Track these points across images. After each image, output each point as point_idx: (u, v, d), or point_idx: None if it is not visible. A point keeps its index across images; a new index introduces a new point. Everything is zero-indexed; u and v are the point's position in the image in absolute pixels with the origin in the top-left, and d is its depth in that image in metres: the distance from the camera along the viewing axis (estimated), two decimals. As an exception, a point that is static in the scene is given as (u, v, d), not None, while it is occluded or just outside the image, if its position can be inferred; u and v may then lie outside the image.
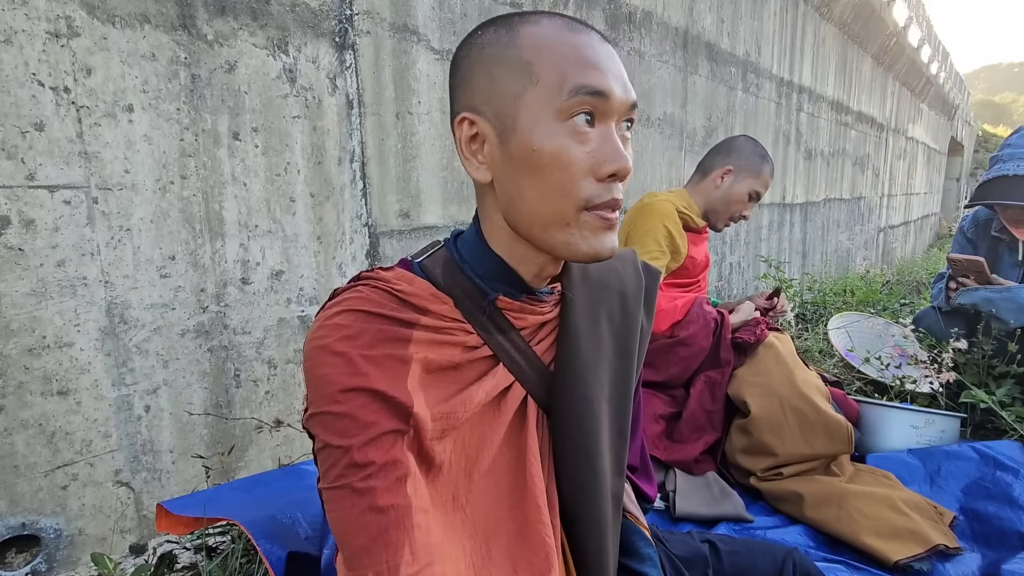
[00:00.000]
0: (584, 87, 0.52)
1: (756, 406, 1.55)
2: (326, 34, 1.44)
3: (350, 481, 0.50)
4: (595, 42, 0.55)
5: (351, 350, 0.52)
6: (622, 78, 0.55)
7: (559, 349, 0.63)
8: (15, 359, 1.06)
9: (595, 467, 0.62)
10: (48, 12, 1.04)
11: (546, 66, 0.53)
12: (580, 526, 0.61)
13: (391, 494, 0.50)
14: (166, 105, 1.20)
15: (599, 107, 0.53)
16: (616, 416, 0.67)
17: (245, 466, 1.41)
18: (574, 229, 0.54)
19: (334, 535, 0.52)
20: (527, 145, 0.53)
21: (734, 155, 1.70)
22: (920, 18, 6.91)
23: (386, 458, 0.51)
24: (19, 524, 1.08)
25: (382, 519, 0.49)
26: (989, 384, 1.90)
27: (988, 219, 2.12)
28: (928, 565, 1.23)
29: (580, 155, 0.53)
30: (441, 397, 0.56)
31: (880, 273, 5.55)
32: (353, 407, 0.51)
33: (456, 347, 0.58)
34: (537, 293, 0.63)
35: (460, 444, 0.57)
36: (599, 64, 0.53)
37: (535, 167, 0.53)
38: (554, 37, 0.54)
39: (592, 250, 0.55)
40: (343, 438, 0.51)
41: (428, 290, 0.58)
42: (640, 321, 0.70)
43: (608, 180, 0.54)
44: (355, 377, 0.51)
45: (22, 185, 1.04)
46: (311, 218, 1.46)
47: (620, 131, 0.55)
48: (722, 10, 3.15)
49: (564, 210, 0.54)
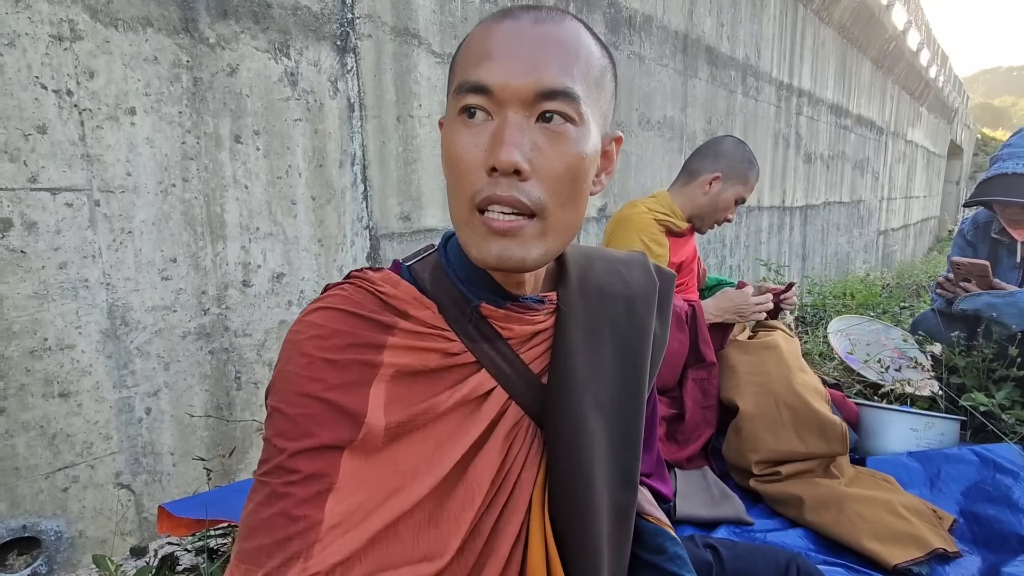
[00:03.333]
0: (465, 83, 0.51)
1: (751, 404, 1.55)
2: (327, 37, 1.45)
3: (274, 482, 0.51)
4: (508, 29, 0.51)
5: (316, 352, 0.52)
6: (528, 65, 0.50)
7: (552, 363, 0.61)
8: (17, 361, 1.06)
9: (588, 481, 0.60)
10: (51, 15, 1.05)
11: (459, 64, 0.54)
12: (572, 539, 0.60)
13: (307, 506, 0.50)
14: (168, 108, 1.20)
15: (486, 100, 0.50)
16: (622, 428, 0.64)
17: (246, 468, 1.41)
18: (470, 230, 0.52)
19: (241, 523, 0.52)
20: (443, 143, 0.55)
21: (723, 160, 1.67)
22: (919, 22, 6.93)
23: (313, 470, 0.51)
24: (20, 526, 1.08)
25: (291, 527, 0.50)
26: (989, 387, 1.90)
27: (987, 221, 2.12)
28: (927, 569, 1.23)
29: (469, 149, 0.51)
30: (408, 402, 0.55)
31: (880, 276, 5.55)
32: (301, 413, 0.51)
33: (434, 353, 0.57)
34: (522, 300, 0.60)
35: (422, 444, 0.55)
36: (494, 54, 0.50)
37: (445, 164, 0.54)
38: (478, 32, 0.54)
39: (479, 255, 0.52)
40: (282, 439, 0.51)
41: (412, 294, 0.58)
42: (652, 327, 0.67)
43: (492, 174, 0.50)
44: (312, 383, 0.52)
45: (24, 187, 1.04)
46: (312, 221, 1.46)
47: (529, 124, 0.50)
48: (722, 14, 3.16)
49: (460, 207, 0.53)
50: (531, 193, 0.50)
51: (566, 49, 0.51)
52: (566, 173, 0.52)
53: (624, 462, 0.65)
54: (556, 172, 0.51)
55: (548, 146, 0.51)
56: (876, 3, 5.17)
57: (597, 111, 0.55)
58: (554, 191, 0.51)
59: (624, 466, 0.65)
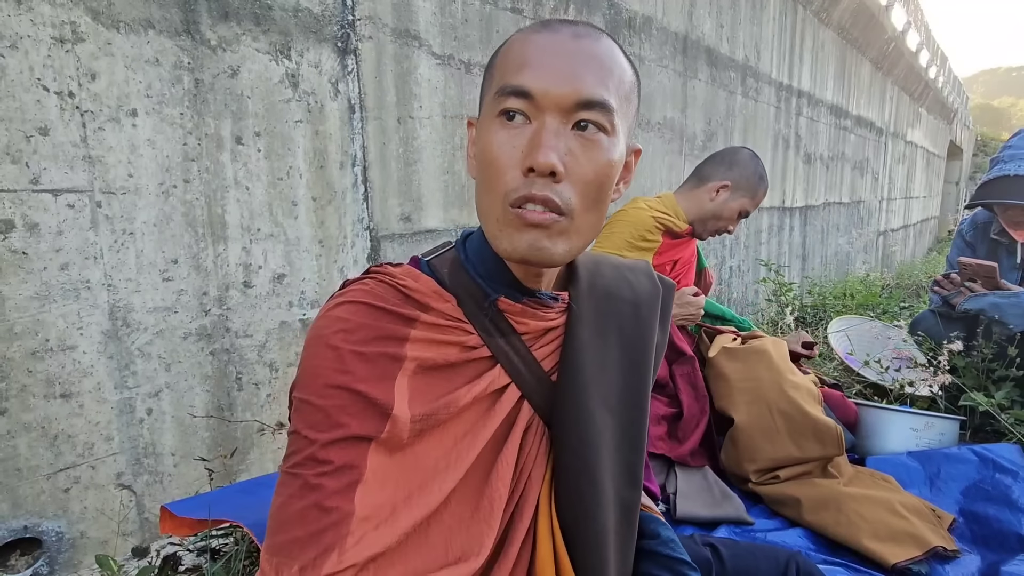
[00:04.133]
0: (508, 86, 0.54)
1: (744, 413, 1.56)
2: (328, 39, 1.45)
3: (305, 473, 0.51)
4: (549, 41, 0.54)
5: (344, 345, 0.53)
6: (568, 75, 0.53)
7: (562, 361, 0.63)
8: (18, 362, 1.06)
9: (595, 479, 0.61)
10: (53, 17, 1.05)
11: (498, 68, 0.57)
12: (579, 536, 0.61)
13: (339, 497, 0.50)
14: (169, 110, 1.21)
15: (526, 105, 0.53)
16: (627, 427, 0.66)
17: (247, 469, 1.41)
18: (501, 225, 0.55)
19: (270, 517, 0.52)
20: (478, 143, 0.58)
21: (735, 170, 1.68)
22: (918, 23, 6.94)
23: (344, 460, 0.51)
24: (21, 527, 1.09)
25: (323, 518, 0.50)
26: (988, 387, 1.90)
27: (987, 222, 2.12)
28: (926, 568, 1.23)
29: (507, 150, 0.54)
30: (429, 397, 0.56)
31: (880, 277, 5.56)
32: (331, 404, 0.52)
33: (454, 346, 0.59)
34: (538, 296, 0.62)
35: (441, 441, 0.57)
36: (536, 62, 0.53)
37: (481, 163, 0.57)
38: (517, 40, 0.57)
39: (511, 246, 0.54)
40: (313, 431, 0.52)
41: (432, 287, 0.59)
42: (655, 332, 0.70)
43: (528, 175, 0.53)
44: (342, 375, 0.53)
45: (26, 189, 1.05)
46: (313, 222, 1.47)
47: (565, 131, 0.53)
48: (721, 15, 3.16)
49: (493, 203, 0.55)
50: (563, 194, 0.53)
51: (602, 64, 0.55)
52: (595, 179, 0.55)
53: (629, 460, 0.66)
54: (587, 177, 0.54)
55: (581, 152, 0.54)
56: (876, 4, 5.18)
57: (625, 124, 0.58)
58: (583, 194, 0.54)
59: (629, 464, 0.66)
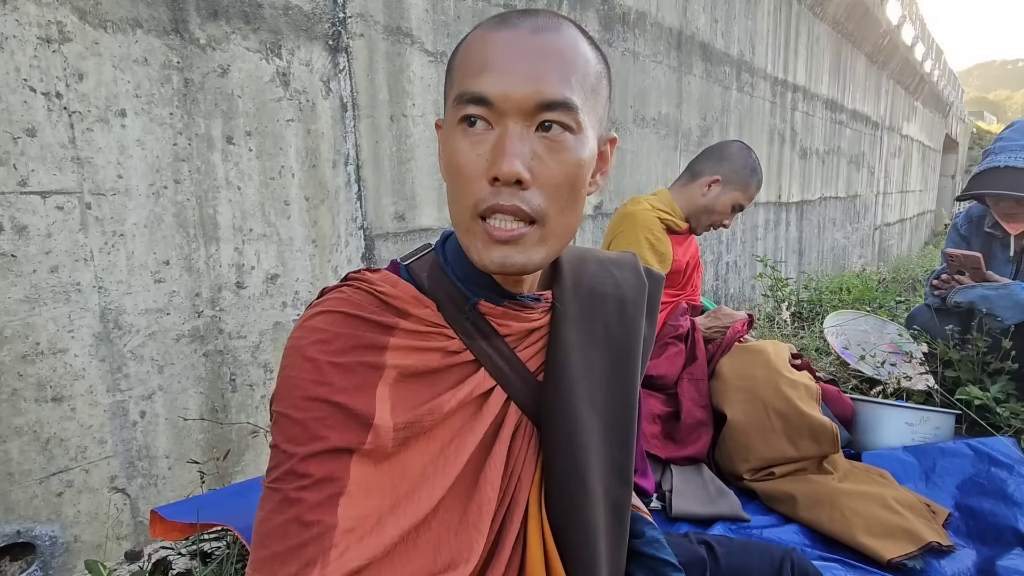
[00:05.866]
0: (466, 93, 0.51)
1: (739, 412, 1.56)
2: (319, 37, 1.44)
3: (285, 487, 0.50)
4: (507, 38, 0.52)
5: (321, 356, 0.52)
6: (528, 76, 0.50)
7: (548, 361, 0.62)
8: (9, 366, 1.05)
9: (584, 477, 0.61)
10: (39, 17, 1.04)
11: (458, 70, 0.55)
12: (570, 536, 0.60)
13: (320, 510, 0.50)
14: (159, 110, 1.20)
15: (487, 111, 0.51)
16: (615, 425, 0.65)
17: (241, 471, 1.40)
18: (471, 237, 0.54)
19: (254, 532, 0.51)
20: (443, 149, 0.56)
21: (725, 164, 1.68)
22: (913, 16, 6.94)
23: (324, 473, 0.50)
24: (14, 532, 1.08)
25: (303, 532, 0.49)
26: (984, 381, 1.91)
27: (981, 216, 2.12)
28: (922, 563, 1.23)
29: (471, 158, 0.52)
30: (412, 404, 0.55)
31: (876, 271, 5.56)
32: (310, 417, 0.51)
33: (436, 352, 0.58)
34: (519, 299, 0.61)
35: (427, 448, 0.56)
36: (494, 64, 0.51)
37: (447, 171, 0.55)
38: (476, 38, 0.54)
39: (481, 261, 0.53)
40: (292, 444, 0.51)
41: (411, 293, 0.58)
42: (642, 328, 0.69)
43: (495, 184, 0.51)
44: (320, 386, 0.52)
45: (14, 191, 1.04)
46: (306, 221, 1.46)
47: (529, 134, 0.51)
48: (716, 10, 3.15)
49: (462, 214, 0.54)
50: (532, 201, 0.52)
51: (564, 59, 0.52)
52: (565, 180, 0.53)
53: (618, 458, 0.66)
54: (556, 180, 0.52)
55: (547, 155, 0.52)
56: (870, -2, 5.17)
57: (594, 117, 0.56)
58: (553, 198, 0.53)
59: (618, 462, 0.66)
